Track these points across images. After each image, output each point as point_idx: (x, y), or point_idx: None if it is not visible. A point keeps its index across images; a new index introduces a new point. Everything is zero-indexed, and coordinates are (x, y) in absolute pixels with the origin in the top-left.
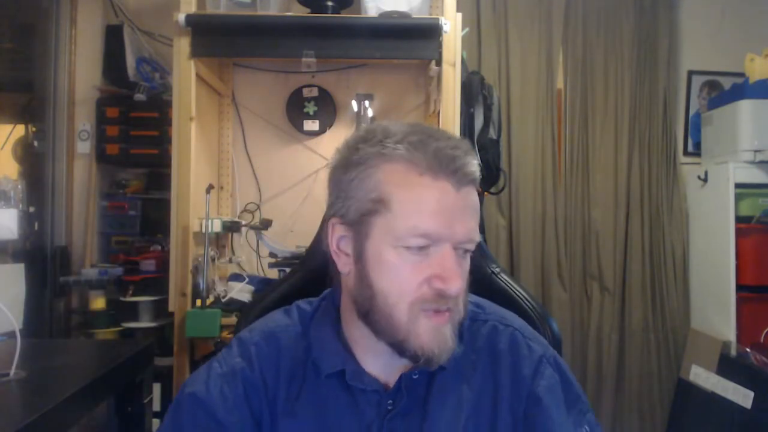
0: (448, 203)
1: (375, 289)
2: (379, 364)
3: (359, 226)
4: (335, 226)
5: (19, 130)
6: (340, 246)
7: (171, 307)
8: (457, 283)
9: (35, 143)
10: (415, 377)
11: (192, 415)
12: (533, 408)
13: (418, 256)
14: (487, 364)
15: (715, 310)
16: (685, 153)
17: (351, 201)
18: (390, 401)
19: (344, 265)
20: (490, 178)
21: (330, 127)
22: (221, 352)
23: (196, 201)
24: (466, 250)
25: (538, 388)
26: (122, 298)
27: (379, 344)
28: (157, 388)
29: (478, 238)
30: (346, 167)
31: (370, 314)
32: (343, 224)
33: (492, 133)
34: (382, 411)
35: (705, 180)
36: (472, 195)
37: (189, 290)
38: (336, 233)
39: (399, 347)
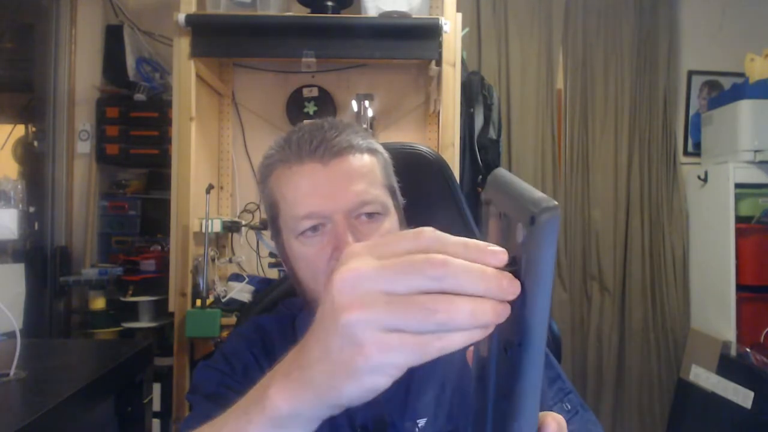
0: (319, 180)
1: (300, 281)
2: None
3: (275, 232)
4: (272, 238)
5: (19, 130)
6: (278, 253)
7: (171, 307)
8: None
9: (35, 143)
10: None
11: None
12: None
13: (317, 237)
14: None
15: (715, 310)
16: (685, 153)
17: (266, 214)
18: None
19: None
20: None
21: None
22: (229, 336)
23: (196, 201)
24: (370, 213)
25: None
26: (122, 298)
27: None
28: (157, 388)
29: (373, 197)
30: (260, 189)
31: (311, 305)
32: (272, 235)
33: (492, 133)
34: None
35: (705, 180)
36: (347, 163)
37: (189, 290)
38: (274, 244)
39: None
